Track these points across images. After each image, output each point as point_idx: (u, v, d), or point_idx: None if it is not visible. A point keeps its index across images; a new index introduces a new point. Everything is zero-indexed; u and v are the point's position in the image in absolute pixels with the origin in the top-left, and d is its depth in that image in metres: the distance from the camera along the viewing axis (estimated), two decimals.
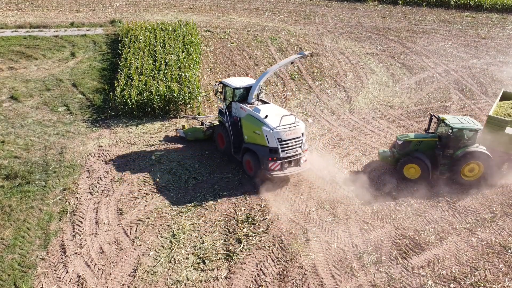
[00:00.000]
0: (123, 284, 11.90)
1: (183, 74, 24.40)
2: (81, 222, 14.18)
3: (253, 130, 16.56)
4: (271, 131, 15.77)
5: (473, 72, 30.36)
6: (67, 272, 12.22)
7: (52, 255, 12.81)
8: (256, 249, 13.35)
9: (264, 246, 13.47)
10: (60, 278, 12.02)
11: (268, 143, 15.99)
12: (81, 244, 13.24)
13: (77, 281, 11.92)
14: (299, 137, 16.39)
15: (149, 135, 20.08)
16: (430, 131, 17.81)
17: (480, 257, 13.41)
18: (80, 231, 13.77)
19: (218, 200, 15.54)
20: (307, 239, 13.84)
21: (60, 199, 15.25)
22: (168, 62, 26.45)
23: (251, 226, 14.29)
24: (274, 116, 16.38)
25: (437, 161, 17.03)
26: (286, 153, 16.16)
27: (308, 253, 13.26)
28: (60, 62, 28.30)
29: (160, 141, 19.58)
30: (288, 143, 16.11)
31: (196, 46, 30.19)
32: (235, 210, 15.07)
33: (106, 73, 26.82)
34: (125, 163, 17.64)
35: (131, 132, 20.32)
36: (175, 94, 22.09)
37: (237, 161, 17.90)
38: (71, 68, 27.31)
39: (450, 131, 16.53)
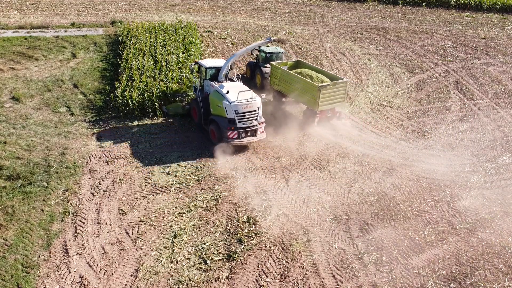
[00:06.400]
0: (125, 285, 11.97)
1: (184, 75, 24.46)
2: (83, 223, 14.24)
3: (216, 104, 18.80)
4: (230, 104, 18.02)
5: (473, 72, 30.42)
6: (69, 272, 12.29)
7: (55, 255, 12.88)
8: (258, 249, 13.41)
9: (265, 247, 13.53)
10: (62, 278, 12.09)
11: (227, 114, 18.25)
12: (83, 245, 13.30)
13: (79, 282, 11.99)
14: (255, 111, 18.65)
15: (150, 136, 20.13)
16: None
17: (480, 257, 13.48)
18: (82, 232, 13.84)
19: (219, 201, 15.61)
20: (308, 239, 13.91)
21: (62, 200, 15.32)
22: (168, 62, 26.51)
23: (252, 227, 14.35)
24: (235, 92, 18.51)
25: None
26: (243, 124, 18.43)
27: (309, 253, 13.33)
28: (61, 63, 28.36)
29: (161, 141, 19.65)
30: (244, 115, 18.37)
31: (196, 46, 30.23)
32: (236, 211, 15.13)
33: (107, 74, 26.88)
34: (127, 163, 17.71)
35: (132, 132, 20.37)
36: None
37: (238, 162, 18.08)
38: (72, 69, 27.37)
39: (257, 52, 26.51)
